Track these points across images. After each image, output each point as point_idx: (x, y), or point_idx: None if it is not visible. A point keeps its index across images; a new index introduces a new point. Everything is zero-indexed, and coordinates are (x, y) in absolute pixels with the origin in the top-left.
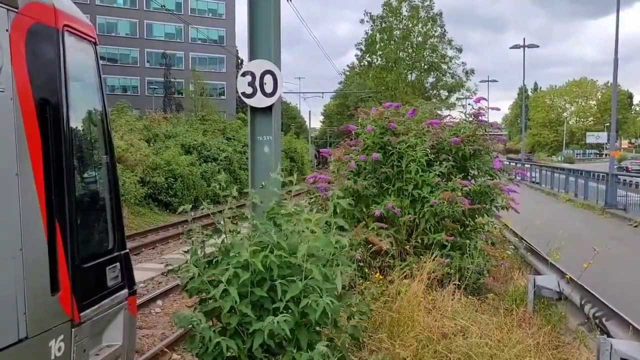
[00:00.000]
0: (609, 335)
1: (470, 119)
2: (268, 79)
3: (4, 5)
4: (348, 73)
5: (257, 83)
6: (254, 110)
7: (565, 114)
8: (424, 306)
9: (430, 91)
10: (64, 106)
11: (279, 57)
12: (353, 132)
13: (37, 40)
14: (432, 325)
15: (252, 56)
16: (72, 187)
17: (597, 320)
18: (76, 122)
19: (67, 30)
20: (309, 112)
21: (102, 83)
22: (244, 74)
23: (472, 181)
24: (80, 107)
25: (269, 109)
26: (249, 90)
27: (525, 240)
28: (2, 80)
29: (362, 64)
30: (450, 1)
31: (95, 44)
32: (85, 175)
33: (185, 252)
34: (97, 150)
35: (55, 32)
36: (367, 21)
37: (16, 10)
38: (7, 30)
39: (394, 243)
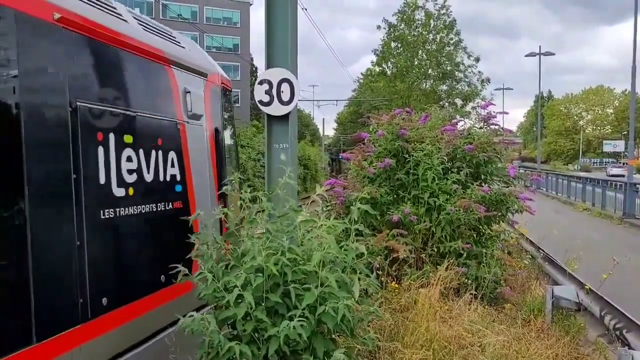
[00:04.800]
0: (630, 347)
1: (481, 124)
2: (285, 87)
3: (201, 77)
4: (362, 81)
5: (274, 91)
6: (271, 118)
7: (581, 122)
8: (440, 315)
9: (445, 99)
10: (222, 131)
11: (296, 65)
12: (366, 140)
13: (214, 95)
14: (449, 335)
15: (269, 64)
16: (224, 178)
17: (617, 332)
18: (227, 140)
19: (223, 86)
20: (323, 119)
21: (233, 114)
22: (261, 82)
23: (489, 189)
24: (227, 130)
25: (285, 117)
26: (266, 99)
27: (542, 250)
28: (202, 120)
29: (374, 71)
30: (461, 8)
31: (230, 90)
32: (230, 171)
33: (196, 256)
34: (233, 155)
35: (220, 89)
36: (383, 28)
37: (206, 78)
38: (203, 91)
39: (411, 251)
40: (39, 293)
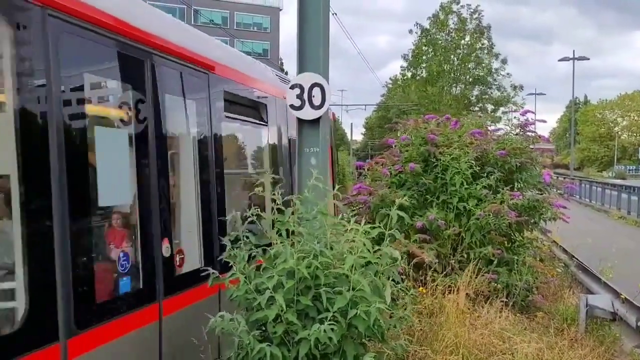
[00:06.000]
0: None
1: (517, 130)
2: (316, 91)
3: None
4: (390, 86)
5: (305, 96)
6: (302, 122)
7: (616, 129)
8: (469, 322)
9: (475, 104)
10: (334, 147)
11: (327, 70)
12: (394, 145)
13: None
14: (479, 342)
15: (301, 69)
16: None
17: None
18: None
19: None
20: (351, 124)
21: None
22: (292, 87)
23: (520, 194)
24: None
25: (316, 121)
26: (298, 103)
27: (576, 258)
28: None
29: (404, 76)
30: (492, 12)
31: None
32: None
33: (229, 257)
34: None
35: (332, 114)
36: (415, 32)
37: None
38: None
39: (438, 256)
40: None
